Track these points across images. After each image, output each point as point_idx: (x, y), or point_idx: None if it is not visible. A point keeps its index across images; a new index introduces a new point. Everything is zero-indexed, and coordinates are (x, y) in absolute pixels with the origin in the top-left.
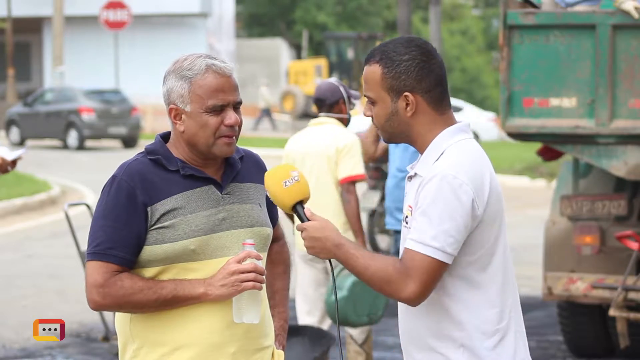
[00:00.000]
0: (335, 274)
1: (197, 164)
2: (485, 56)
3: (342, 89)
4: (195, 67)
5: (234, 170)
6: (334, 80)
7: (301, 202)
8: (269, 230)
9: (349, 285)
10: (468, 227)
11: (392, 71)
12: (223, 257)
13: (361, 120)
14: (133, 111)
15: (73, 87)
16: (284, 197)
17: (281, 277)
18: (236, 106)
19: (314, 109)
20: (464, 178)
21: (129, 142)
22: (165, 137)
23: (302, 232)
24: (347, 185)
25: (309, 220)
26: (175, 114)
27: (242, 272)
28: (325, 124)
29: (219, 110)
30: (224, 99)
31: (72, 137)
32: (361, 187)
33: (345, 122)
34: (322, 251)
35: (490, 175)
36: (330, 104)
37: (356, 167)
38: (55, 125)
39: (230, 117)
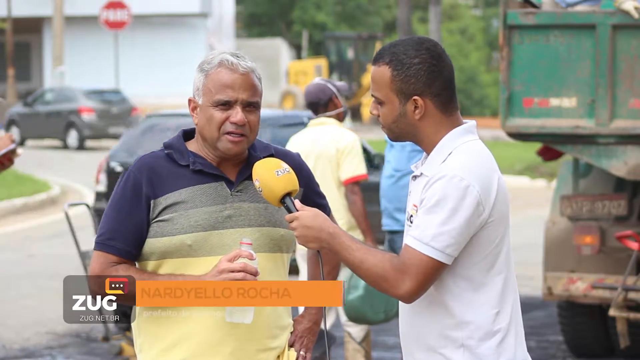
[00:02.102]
0: (349, 275)
1: (213, 159)
2: (484, 56)
3: (329, 85)
4: (212, 62)
5: (251, 169)
6: (318, 80)
7: (290, 195)
8: (283, 232)
9: (365, 283)
10: (471, 229)
11: (402, 74)
12: (222, 254)
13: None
14: (133, 111)
15: (73, 87)
16: (276, 186)
17: (325, 277)
18: (249, 105)
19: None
20: (472, 179)
21: None
22: (190, 132)
23: (292, 222)
24: (351, 186)
25: (298, 211)
26: (193, 106)
27: (231, 271)
28: (326, 124)
29: (225, 105)
30: (230, 96)
31: (72, 137)
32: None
33: (342, 115)
34: (314, 240)
35: (498, 177)
36: (324, 103)
37: (359, 167)
38: (56, 125)
39: (237, 115)
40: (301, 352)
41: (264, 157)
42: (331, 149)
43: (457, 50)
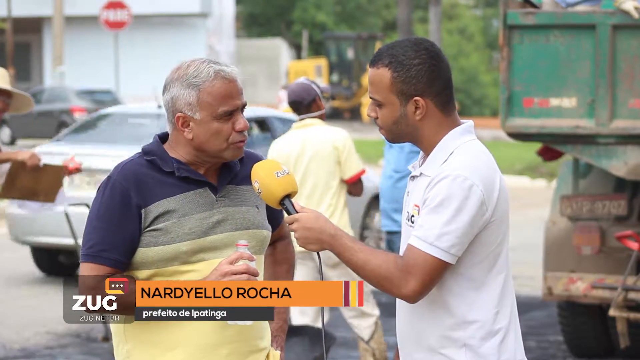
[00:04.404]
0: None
1: (195, 165)
2: (483, 55)
3: (314, 85)
4: (202, 74)
5: (231, 173)
6: (303, 79)
7: (289, 196)
8: (266, 233)
9: None
10: (475, 229)
11: (403, 76)
12: (217, 259)
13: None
14: None
15: (65, 87)
16: (276, 187)
17: (284, 276)
18: (242, 109)
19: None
20: (475, 179)
21: None
22: (164, 137)
23: (292, 223)
24: (356, 183)
25: (298, 213)
26: (183, 121)
27: (234, 274)
28: (312, 125)
29: (229, 115)
30: (233, 104)
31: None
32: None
33: (324, 117)
34: (315, 242)
35: (500, 177)
36: (307, 103)
37: (359, 163)
38: (47, 125)
39: (240, 122)
40: (278, 351)
41: (239, 160)
42: (327, 148)
43: (457, 50)
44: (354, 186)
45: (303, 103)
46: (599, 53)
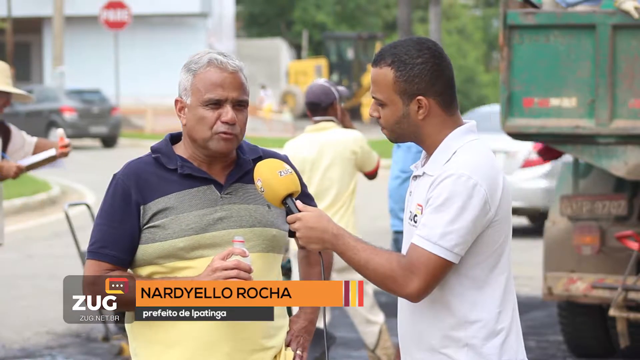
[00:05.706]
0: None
1: (201, 161)
2: (482, 55)
3: (333, 89)
4: (200, 61)
5: (241, 171)
6: (323, 81)
7: (291, 196)
8: (275, 231)
9: None
10: (478, 228)
11: (406, 75)
12: (215, 255)
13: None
14: (113, 111)
15: (55, 87)
16: (279, 187)
17: (316, 278)
18: (238, 104)
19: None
20: (479, 178)
21: (108, 141)
22: (176, 136)
23: (294, 222)
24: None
25: (300, 212)
26: (180, 106)
27: (225, 269)
28: (328, 129)
29: (215, 104)
30: (221, 94)
31: (54, 137)
32: None
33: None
34: (318, 242)
35: (502, 176)
36: (325, 107)
37: (375, 156)
38: (37, 125)
39: (227, 113)
40: (297, 352)
41: (253, 159)
42: (345, 153)
43: (455, 49)
44: (372, 175)
45: (321, 105)
46: (599, 53)
